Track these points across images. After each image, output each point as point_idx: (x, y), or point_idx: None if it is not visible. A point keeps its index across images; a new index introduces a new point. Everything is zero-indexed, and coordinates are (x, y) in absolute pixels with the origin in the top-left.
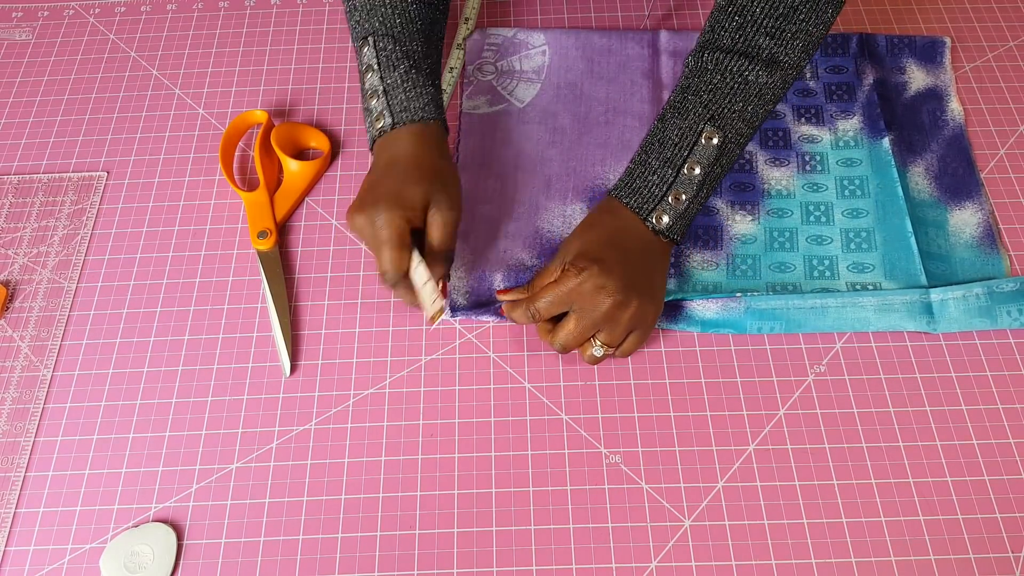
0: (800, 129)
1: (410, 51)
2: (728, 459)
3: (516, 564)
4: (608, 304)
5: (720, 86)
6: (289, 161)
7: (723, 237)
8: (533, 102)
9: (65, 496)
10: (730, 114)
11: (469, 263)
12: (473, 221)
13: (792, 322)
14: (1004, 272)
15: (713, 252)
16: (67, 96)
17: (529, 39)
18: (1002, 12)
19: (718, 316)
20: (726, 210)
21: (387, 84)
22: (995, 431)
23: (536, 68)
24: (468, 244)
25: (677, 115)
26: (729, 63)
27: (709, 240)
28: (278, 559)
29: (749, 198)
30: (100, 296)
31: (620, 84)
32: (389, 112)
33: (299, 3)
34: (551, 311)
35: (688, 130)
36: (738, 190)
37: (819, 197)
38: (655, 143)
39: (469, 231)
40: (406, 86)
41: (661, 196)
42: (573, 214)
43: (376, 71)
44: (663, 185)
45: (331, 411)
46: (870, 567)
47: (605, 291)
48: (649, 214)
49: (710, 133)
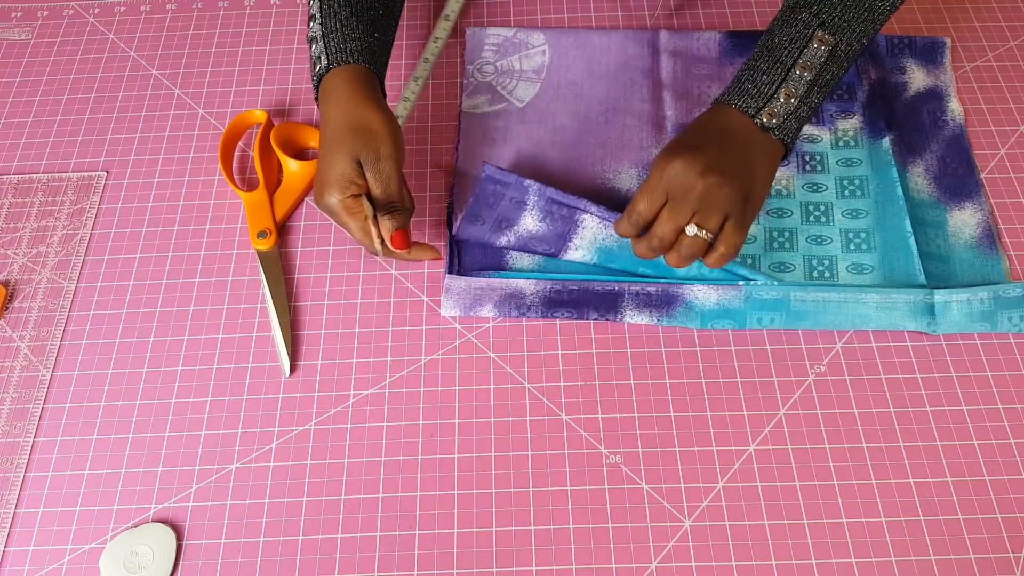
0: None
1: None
2: (728, 459)
3: (516, 564)
4: (699, 183)
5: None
6: (289, 161)
7: None
8: (533, 102)
9: (64, 496)
10: (840, 23)
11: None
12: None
13: (793, 314)
14: (1003, 272)
15: None
16: (67, 96)
17: (529, 39)
18: (1002, 12)
19: (718, 306)
20: None
21: (326, 28)
22: (995, 431)
23: (536, 68)
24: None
25: (785, 24)
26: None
27: None
28: (278, 559)
29: None
30: (100, 296)
31: (620, 83)
32: (325, 55)
33: (299, 3)
34: (651, 208)
35: (798, 35)
36: None
37: (819, 197)
38: (764, 51)
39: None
40: (345, 31)
41: (771, 95)
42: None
43: (318, 19)
44: (772, 84)
45: (331, 411)
46: (870, 567)
47: (695, 169)
48: (759, 111)
49: (821, 37)
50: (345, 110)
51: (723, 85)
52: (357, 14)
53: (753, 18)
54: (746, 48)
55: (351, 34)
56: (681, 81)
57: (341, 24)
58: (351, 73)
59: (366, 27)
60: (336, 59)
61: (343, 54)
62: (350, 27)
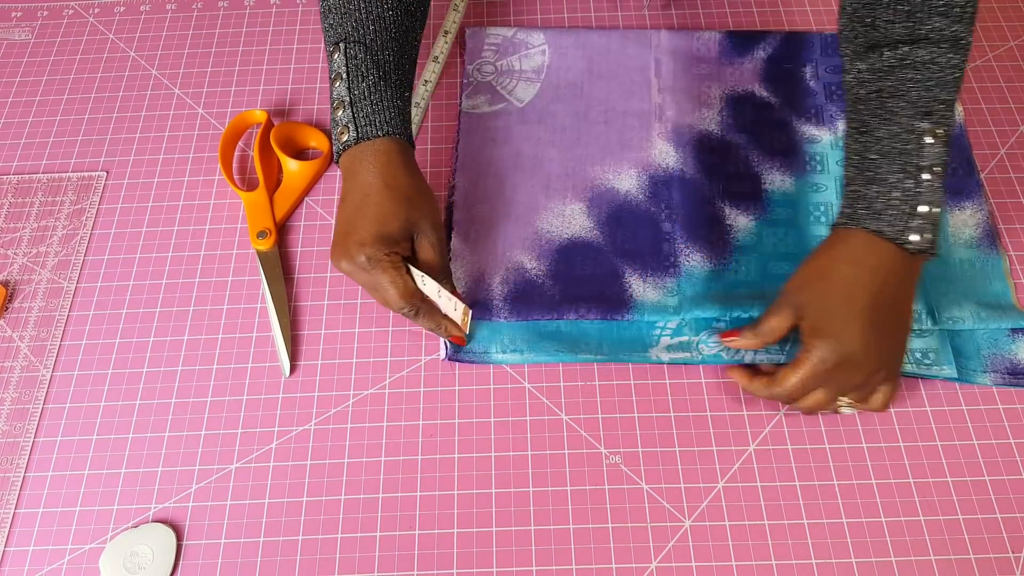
0: (801, 129)
1: (381, 60)
2: (728, 459)
3: (516, 564)
4: (856, 376)
5: (915, 79)
6: (289, 161)
7: (725, 237)
8: (533, 102)
9: (64, 496)
10: (937, 104)
11: (469, 265)
12: (472, 222)
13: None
14: (1004, 272)
15: (715, 251)
16: (66, 96)
17: (529, 38)
18: (1002, 12)
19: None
20: (727, 210)
21: (354, 95)
22: (996, 431)
23: (536, 68)
24: (467, 245)
25: (884, 123)
26: (915, 53)
27: (711, 239)
28: (278, 559)
29: (751, 199)
30: (99, 296)
31: (620, 83)
32: (354, 125)
33: (299, 3)
34: (797, 396)
35: (907, 133)
36: (739, 190)
37: (820, 197)
38: (874, 156)
39: (468, 232)
40: (373, 99)
41: (910, 212)
42: (572, 214)
43: (344, 80)
44: (907, 199)
45: (331, 411)
46: (870, 567)
47: (850, 363)
48: (901, 233)
49: (929, 129)
50: (385, 176)
51: (723, 85)
52: (385, 77)
53: (753, 18)
54: (745, 48)
55: (380, 103)
56: (681, 81)
57: (369, 91)
58: (385, 145)
59: (395, 89)
60: (367, 133)
61: (373, 127)
62: (378, 93)
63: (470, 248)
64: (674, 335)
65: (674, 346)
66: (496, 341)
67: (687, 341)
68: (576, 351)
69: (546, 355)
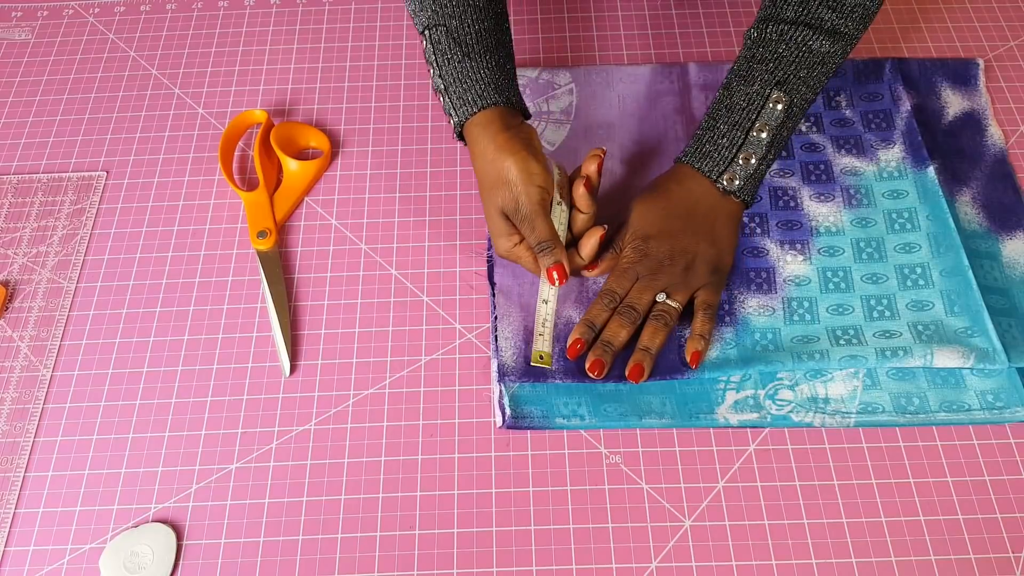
0: (841, 161)
1: (461, 38)
2: (728, 459)
3: (516, 564)
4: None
5: (785, 54)
6: (289, 161)
7: (776, 279)
8: (564, 143)
9: (64, 496)
10: (795, 80)
11: (516, 323)
12: (515, 276)
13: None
14: None
15: (768, 296)
16: (66, 96)
17: (555, 78)
18: (1002, 12)
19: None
20: (776, 251)
21: (446, 82)
22: (996, 431)
23: (564, 108)
24: (511, 302)
25: (743, 82)
26: (793, 33)
27: (763, 284)
28: (278, 559)
29: (798, 237)
30: (100, 296)
31: (651, 121)
32: (454, 111)
33: (299, 3)
34: (624, 288)
35: (755, 95)
36: (786, 228)
37: (869, 233)
38: (722, 109)
39: (512, 289)
40: (460, 80)
41: (731, 158)
42: None
43: (435, 67)
44: (732, 148)
45: (331, 411)
46: (870, 567)
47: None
48: (720, 176)
49: (777, 98)
50: (485, 162)
51: None
52: (468, 54)
53: None
54: None
55: (466, 81)
56: None
57: (456, 73)
58: (483, 119)
59: (479, 61)
60: (463, 114)
61: (467, 107)
62: (464, 72)
63: (515, 305)
64: (739, 389)
65: (741, 402)
66: (555, 403)
67: (754, 395)
68: (640, 415)
69: (611, 421)
